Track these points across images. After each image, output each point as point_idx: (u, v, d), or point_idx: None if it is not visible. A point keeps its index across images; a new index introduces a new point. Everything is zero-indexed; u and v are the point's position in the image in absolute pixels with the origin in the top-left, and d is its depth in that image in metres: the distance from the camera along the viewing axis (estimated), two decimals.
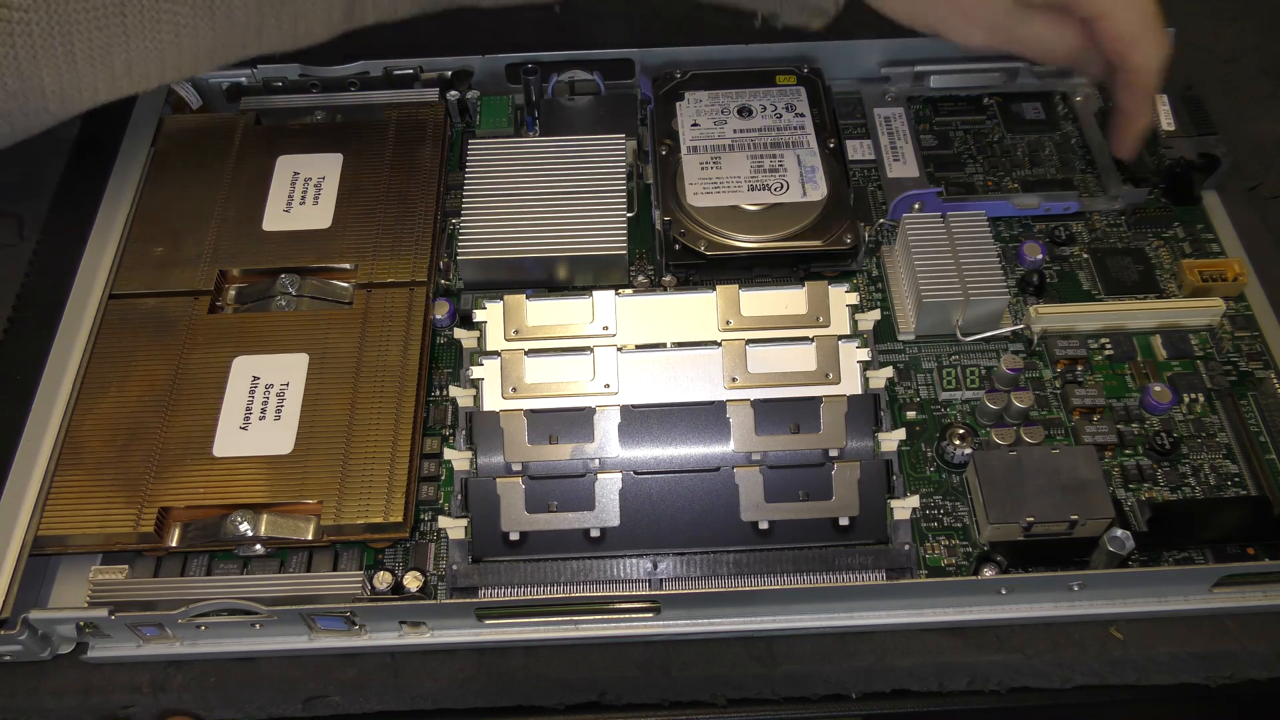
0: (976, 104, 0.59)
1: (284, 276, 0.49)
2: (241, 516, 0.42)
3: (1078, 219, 0.54)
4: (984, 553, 0.44)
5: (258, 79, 0.57)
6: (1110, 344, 0.49)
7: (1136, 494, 0.45)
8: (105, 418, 0.45)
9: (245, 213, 0.51)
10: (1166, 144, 0.54)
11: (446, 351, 0.50)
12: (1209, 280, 0.50)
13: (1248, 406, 0.48)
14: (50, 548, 0.43)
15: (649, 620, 0.42)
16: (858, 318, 0.47)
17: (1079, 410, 0.47)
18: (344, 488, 0.43)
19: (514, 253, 0.49)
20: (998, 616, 0.43)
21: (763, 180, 0.51)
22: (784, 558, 0.43)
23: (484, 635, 0.42)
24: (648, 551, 0.43)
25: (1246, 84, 0.62)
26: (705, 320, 0.46)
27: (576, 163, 0.52)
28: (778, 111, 0.54)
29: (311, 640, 0.42)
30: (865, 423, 0.44)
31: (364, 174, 0.53)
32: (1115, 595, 0.43)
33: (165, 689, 0.42)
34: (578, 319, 0.46)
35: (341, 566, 0.44)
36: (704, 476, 0.43)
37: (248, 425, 0.45)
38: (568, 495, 0.43)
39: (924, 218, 0.50)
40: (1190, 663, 0.42)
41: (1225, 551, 0.44)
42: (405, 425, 0.45)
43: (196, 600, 0.40)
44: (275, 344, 0.47)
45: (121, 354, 0.47)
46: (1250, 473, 0.46)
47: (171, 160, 0.54)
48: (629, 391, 0.45)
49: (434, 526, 0.45)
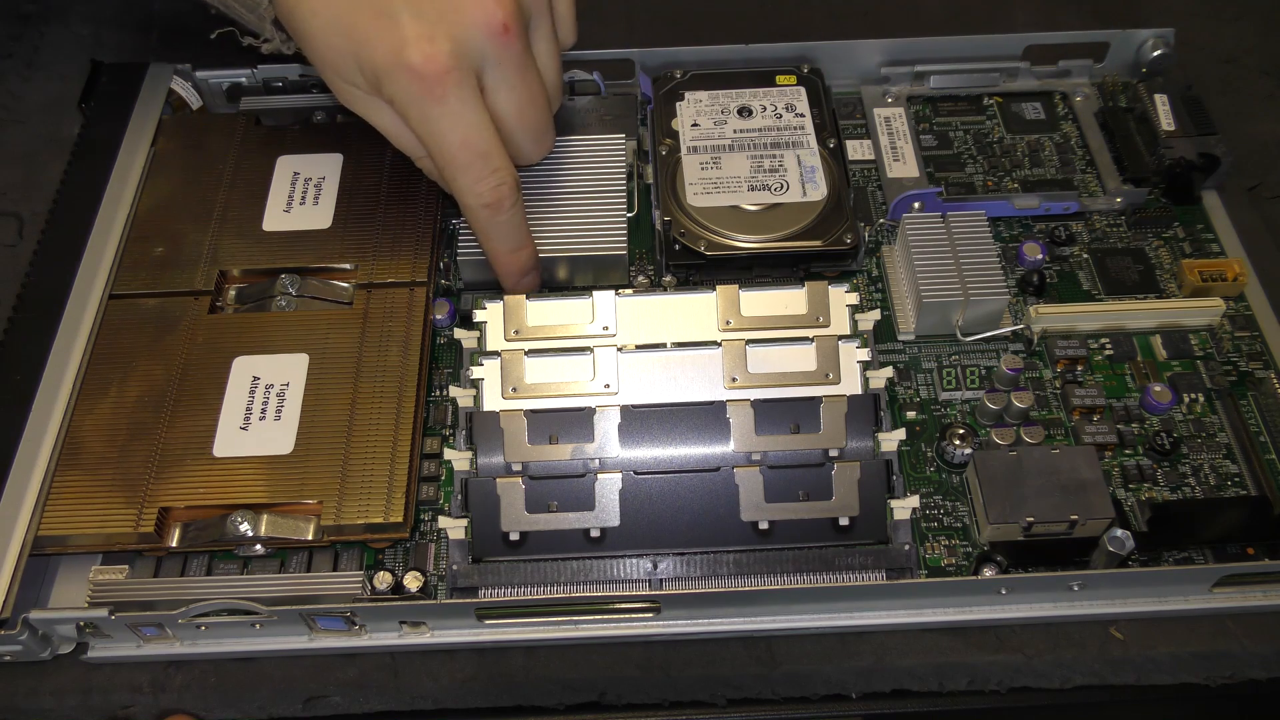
0: (976, 104, 0.59)
1: (284, 276, 0.49)
2: (241, 516, 0.42)
3: (1078, 219, 0.54)
4: (984, 553, 0.44)
5: (258, 79, 0.57)
6: (1110, 344, 0.49)
7: (1136, 494, 0.45)
8: (105, 418, 0.45)
9: (245, 213, 0.51)
10: (1166, 144, 0.54)
11: (446, 351, 0.50)
12: (1209, 280, 0.50)
13: (1248, 406, 0.48)
14: (50, 548, 0.43)
15: (649, 620, 0.42)
16: (858, 318, 0.47)
17: (1079, 410, 0.47)
18: (344, 488, 0.43)
19: None
20: (998, 616, 0.43)
21: (763, 180, 0.51)
22: (784, 558, 0.43)
23: (484, 635, 0.42)
24: (648, 551, 0.43)
25: (1246, 84, 0.62)
26: (705, 320, 0.46)
27: (576, 163, 0.52)
28: (778, 111, 0.54)
29: (311, 640, 0.42)
30: (865, 423, 0.44)
31: (364, 174, 0.53)
32: (1115, 595, 0.43)
33: (165, 689, 0.42)
34: (578, 319, 0.46)
35: (341, 566, 0.44)
36: (704, 476, 0.43)
37: (248, 425, 0.45)
38: (568, 495, 0.43)
39: (924, 218, 0.50)
40: (1190, 663, 0.42)
41: (1225, 551, 0.44)
42: (405, 425, 0.45)
43: (196, 600, 0.40)
44: (275, 344, 0.47)
45: (121, 354, 0.47)
46: (1250, 473, 0.46)
47: (171, 160, 0.54)
48: (629, 391, 0.45)
49: (434, 526, 0.45)
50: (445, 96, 0.42)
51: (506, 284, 0.49)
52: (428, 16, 0.41)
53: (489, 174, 0.44)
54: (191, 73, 0.57)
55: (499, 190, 0.44)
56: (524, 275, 0.48)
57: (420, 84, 0.41)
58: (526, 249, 0.48)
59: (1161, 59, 0.58)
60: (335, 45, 0.43)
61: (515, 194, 0.45)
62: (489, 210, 0.45)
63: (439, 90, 0.41)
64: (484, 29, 0.41)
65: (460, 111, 0.42)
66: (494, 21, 0.41)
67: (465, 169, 0.44)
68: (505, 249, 0.47)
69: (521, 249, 0.47)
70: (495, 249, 0.47)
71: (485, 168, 0.44)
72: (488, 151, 0.43)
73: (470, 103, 0.42)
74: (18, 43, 0.64)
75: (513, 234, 0.47)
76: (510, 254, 0.47)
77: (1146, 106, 0.56)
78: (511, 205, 0.45)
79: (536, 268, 0.49)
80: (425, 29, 0.41)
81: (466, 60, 0.42)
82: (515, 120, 0.45)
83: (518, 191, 0.45)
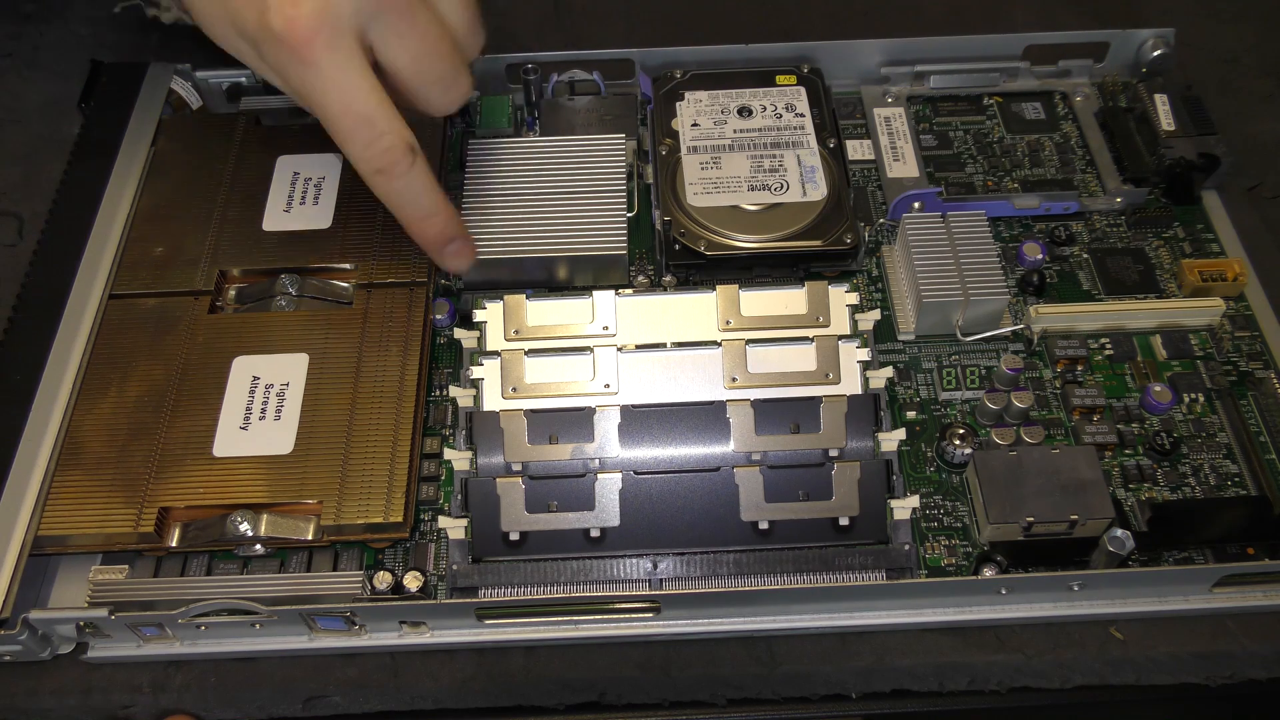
0: (976, 104, 0.59)
1: (284, 276, 0.49)
2: (241, 516, 0.42)
3: (1078, 219, 0.54)
4: (984, 553, 0.44)
5: (258, 79, 0.57)
6: (1110, 344, 0.49)
7: (1136, 494, 0.45)
8: (105, 418, 0.45)
9: (245, 213, 0.51)
10: (1166, 144, 0.54)
11: (446, 351, 0.50)
12: (1209, 280, 0.50)
13: (1248, 406, 0.48)
14: (50, 548, 0.43)
15: (649, 620, 0.42)
16: (858, 318, 0.47)
17: (1079, 410, 0.47)
18: (344, 488, 0.43)
19: (514, 253, 0.49)
20: (998, 616, 0.43)
21: (763, 180, 0.51)
22: (784, 558, 0.43)
23: (484, 635, 0.42)
24: (648, 551, 0.43)
25: (1246, 84, 0.62)
26: (705, 320, 0.46)
27: (576, 163, 0.52)
28: (778, 111, 0.54)
29: (311, 640, 0.42)
30: (865, 423, 0.44)
31: None
32: (1115, 595, 0.43)
33: (165, 689, 0.42)
34: (578, 319, 0.46)
35: (341, 566, 0.44)
36: (704, 476, 0.43)
37: (248, 425, 0.45)
38: (568, 495, 0.43)
39: (924, 218, 0.50)
40: (1190, 663, 0.42)
41: (1225, 551, 0.44)
42: (405, 425, 0.45)
43: (196, 600, 0.40)
44: (275, 344, 0.47)
45: (121, 354, 0.47)
46: (1250, 473, 0.46)
47: (171, 160, 0.54)
48: (629, 391, 0.45)
49: (434, 526, 0.45)
50: (314, 61, 0.39)
51: (432, 257, 0.46)
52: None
53: (375, 138, 0.41)
54: (191, 73, 0.57)
55: (389, 155, 0.41)
56: (445, 245, 0.45)
57: (286, 49, 0.39)
58: (438, 216, 0.44)
59: (1161, 59, 0.58)
60: (214, 14, 0.41)
61: (409, 156, 0.41)
62: (382, 176, 0.42)
63: (306, 54, 0.39)
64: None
65: (333, 75, 0.39)
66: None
67: (350, 135, 0.41)
68: (415, 216, 0.44)
69: (431, 216, 0.44)
70: (404, 217, 0.44)
71: (370, 132, 0.40)
72: (370, 116, 0.40)
73: (345, 65, 0.39)
74: (17, 43, 0.64)
75: (417, 200, 0.43)
76: (420, 222, 0.44)
77: (1146, 106, 0.56)
78: (407, 169, 0.42)
79: (462, 234, 0.45)
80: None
81: (336, 20, 0.39)
82: (413, 72, 0.42)
83: (413, 154, 0.42)
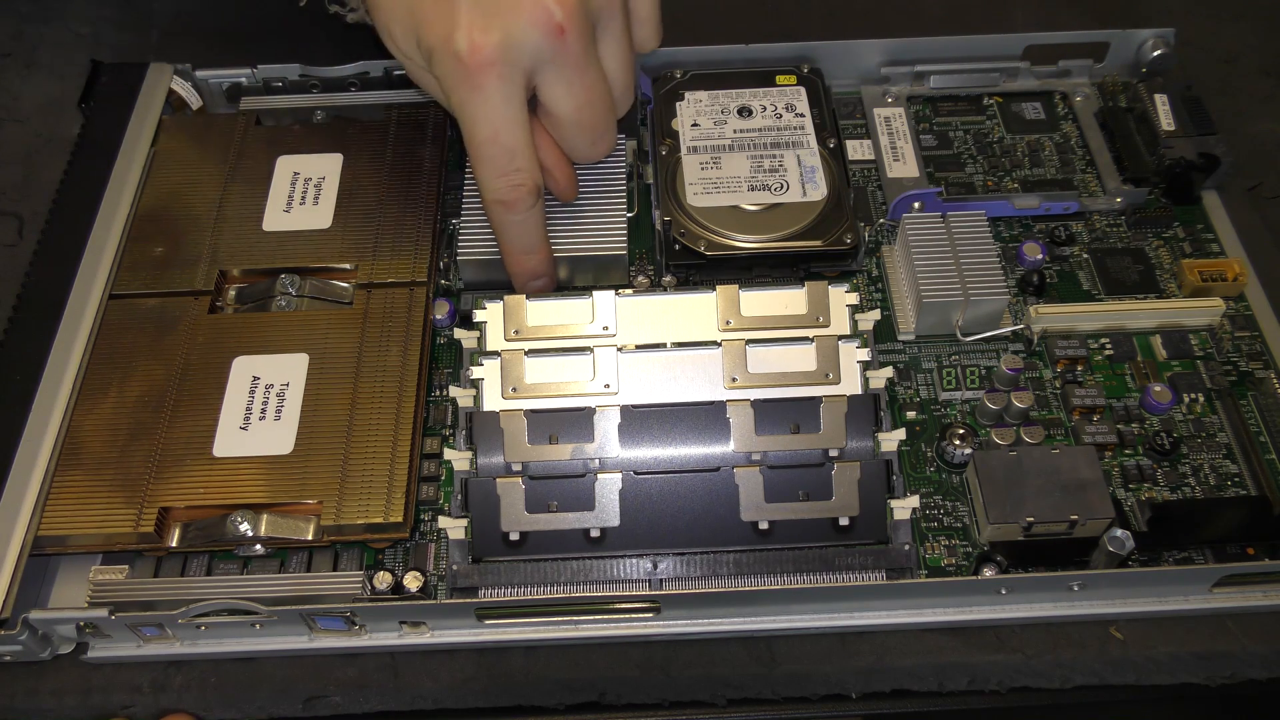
0: (976, 104, 0.59)
1: (284, 276, 0.49)
2: (241, 516, 0.42)
3: (1078, 219, 0.54)
4: (984, 553, 0.44)
5: (258, 79, 0.57)
6: (1110, 344, 0.49)
7: (1136, 494, 0.45)
8: (105, 418, 0.45)
9: (245, 213, 0.51)
10: (1166, 144, 0.54)
11: (446, 351, 0.50)
12: (1209, 280, 0.50)
13: (1248, 406, 0.48)
14: (50, 548, 0.43)
15: (649, 620, 0.42)
16: (858, 318, 0.47)
17: (1079, 410, 0.47)
18: (344, 488, 0.43)
19: None
20: (998, 616, 0.43)
21: (763, 180, 0.51)
22: (784, 558, 0.43)
23: (484, 635, 0.42)
24: (648, 551, 0.43)
25: (1246, 84, 0.62)
26: (705, 320, 0.46)
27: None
28: (778, 111, 0.54)
29: (311, 640, 0.42)
30: (865, 423, 0.44)
31: (364, 174, 0.53)
32: (1115, 595, 0.43)
33: (165, 689, 0.42)
34: (578, 319, 0.46)
35: (341, 566, 0.44)
36: (704, 476, 0.43)
37: (248, 425, 0.45)
38: (568, 495, 0.43)
39: (924, 218, 0.50)
40: (1190, 663, 0.42)
41: (1225, 551, 0.44)
42: (405, 425, 0.45)
43: (196, 600, 0.40)
44: (275, 344, 0.47)
45: (121, 354, 0.47)
46: (1250, 473, 0.46)
47: (171, 160, 0.54)
48: (629, 391, 0.45)
49: (434, 526, 0.45)
50: (483, 86, 0.42)
51: (516, 285, 0.49)
52: (485, 7, 0.42)
53: (510, 171, 0.44)
54: (191, 73, 0.57)
55: (516, 190, 0.45)
56: (533, 279, 0.48)
57: (461, 70, 0.42)
58: (538, 254, 0.48)
59: (1161, 59, 0.58)
60: (400, 19, 0.44)
61: (533, 198, 0.45)
62: (503, 207, 0.45)
63: (478, 79, 0.42)
64: (538, 28, 0.42)
65: (495, 103, 0.43)
66: (549, 21, 0.42)
67: (488, 161, 0.44)
68: (516, 249, 0.47)
69: (533, 253, 0.48)
70: (506, 247, 0.47)
71: (508, 165, 0.44)
72: (513, 149, 0.44)
73: (508, 98, 0.43)
74: (17, 42, 0.64)
75: (525, 236, 0.47)
76: (521, 255, 0.47)
77: (1146, 106, 0.56)
78: (527, 208, 0.45)
79: (550, 274, 0.49)
80: (479, 19, 0.42)
81: (514, 56, 0.42)
82: (573, 121, 0.46)
83: (536, 196, 0.45)
